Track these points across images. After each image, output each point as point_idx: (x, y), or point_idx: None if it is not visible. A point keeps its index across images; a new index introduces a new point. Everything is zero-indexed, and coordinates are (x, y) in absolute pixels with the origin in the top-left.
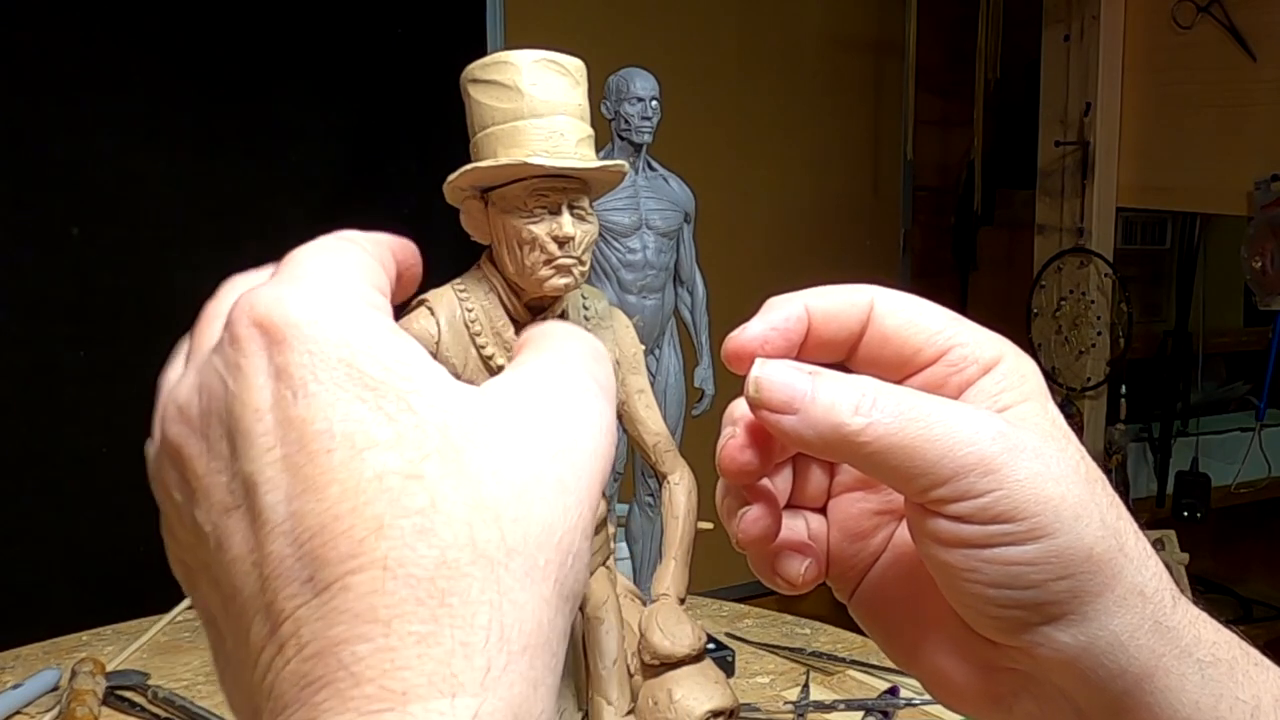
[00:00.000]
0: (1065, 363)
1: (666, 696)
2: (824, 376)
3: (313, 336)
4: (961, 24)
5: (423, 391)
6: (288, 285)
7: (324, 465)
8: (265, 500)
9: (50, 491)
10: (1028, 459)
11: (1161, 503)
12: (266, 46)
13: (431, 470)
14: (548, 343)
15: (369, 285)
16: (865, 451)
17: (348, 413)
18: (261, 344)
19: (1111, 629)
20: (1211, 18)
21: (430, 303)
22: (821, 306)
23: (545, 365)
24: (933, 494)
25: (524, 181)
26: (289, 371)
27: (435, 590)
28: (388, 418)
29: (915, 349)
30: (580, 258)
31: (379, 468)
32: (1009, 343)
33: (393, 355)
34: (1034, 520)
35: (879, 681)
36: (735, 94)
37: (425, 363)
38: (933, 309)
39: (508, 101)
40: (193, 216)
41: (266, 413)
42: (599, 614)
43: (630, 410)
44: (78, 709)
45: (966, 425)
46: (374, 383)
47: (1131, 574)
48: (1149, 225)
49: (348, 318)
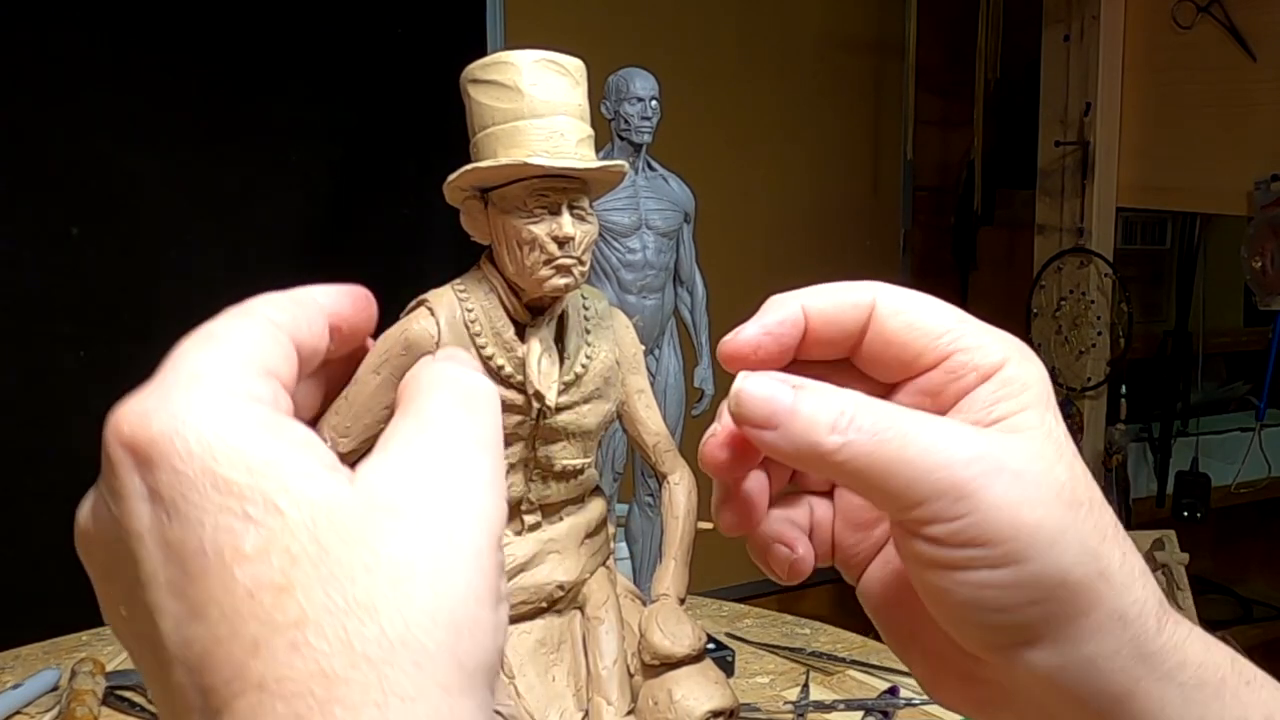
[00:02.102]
0: (1065, 363)
1: (667, 696)
2: (806, 391)
3: (176, 451)
4: (961, 24)
5: (290, 489)
6: (155, 396)
7: (202, 587)
8: (163, 628)
9: (50, 491)
10: (1005, 482)
11: (1161, 503)
12: (266, 46)
13: (301, 577)
14: (412, 403)
15: (253, 371)
16: (841, 471)
17: (217, 525)
18: (131, 465)
19: (1087, 653)
20: (1211, 18)
21: (430, 303)
22: (820, 308)
23: (410, 434)
24: (908, 515)
25: (524, 181)
26: (159, 492)
27: (315, 703)
28: (255, 525)
29: (916, 353)
30: (580, 258)
31: (250, 583)
32: (1017, 345)
33: (259, 455)
34: (1007, 546)
35: (879, 681)
36: (735, 94)
37: (295, 455)
38: (938, 309)
39: (508, 101)
40: (193, 216)
41: (147, 537)
42: (599, 614)
43: (630, 410)
44: (77, 709)
45: (943, 446)
46: (239, 489)
47: (1112, 599)
48: (1149, 225)
49: (212, 423)
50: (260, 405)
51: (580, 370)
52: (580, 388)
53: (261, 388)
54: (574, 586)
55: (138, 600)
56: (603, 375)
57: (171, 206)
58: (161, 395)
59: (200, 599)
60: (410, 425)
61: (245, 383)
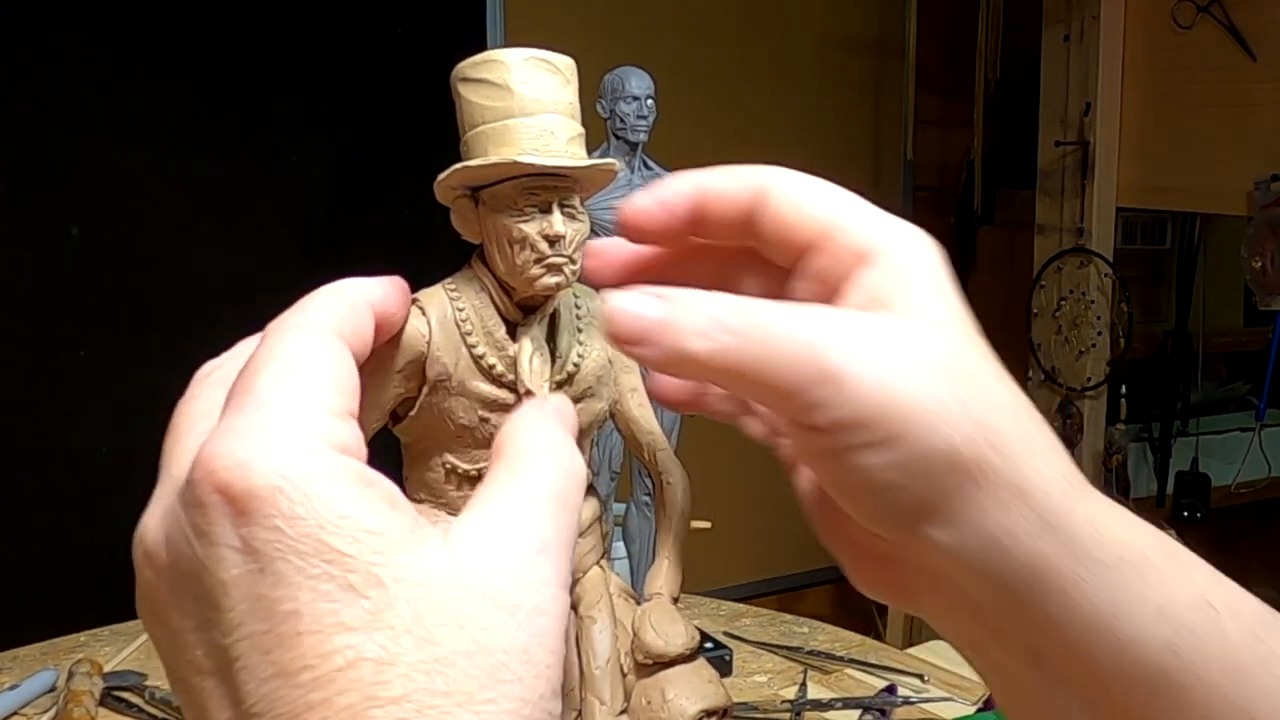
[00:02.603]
0: (1065, 363)
1: (659, 696)
2: (673, 301)
3: (280, 511)
4: (961, 24)
5: (391, 563)
6: (247, 438)
7: (294, 648)
8: (239, 678)
9: (49, 491)
10: (876, 361)
11: (1161, 503)
12: (266, 46)
13: (403, 655)
14: (517, 470)
15: (338, 410)
16: (717, 375)
17: (315, 591)
18: (225, 512)
19: (987, 527)
20: (1211, 18)
21: (421, 302)
22: (713, 184)
23: (509, 509)
24: (787, 408)
25: (514, 180)
26: (254, 546)
27: None
28: (357, 595)
29: (805, 237)
30: (571, 256)
31: (350, 654)
32: (902, 228)
33: (360, 523)
34: (883, 425)
35: (877, 680)
36: (734, 94)
37: (393, 524)
38: (827, 192)
39: (498, 100)
40: (193, 216)
41: (233, 586)
42: (591, 614)
43: (623, 409)
44: (75, 710)
45: (805, 333)
46: (341, 557)
47: (1009, 474)
48: (1149, 225)
49: (313, 484)
50: (352, 460)
51: (572, 369)
52: (572, 387)
53: (347, 433)
54: None
55: (211, 642)
56: (595, 374)
57: (171, 206)
58: (255, 439)
59: (290, 662)
60: (507, 499)
61: (334, 429)
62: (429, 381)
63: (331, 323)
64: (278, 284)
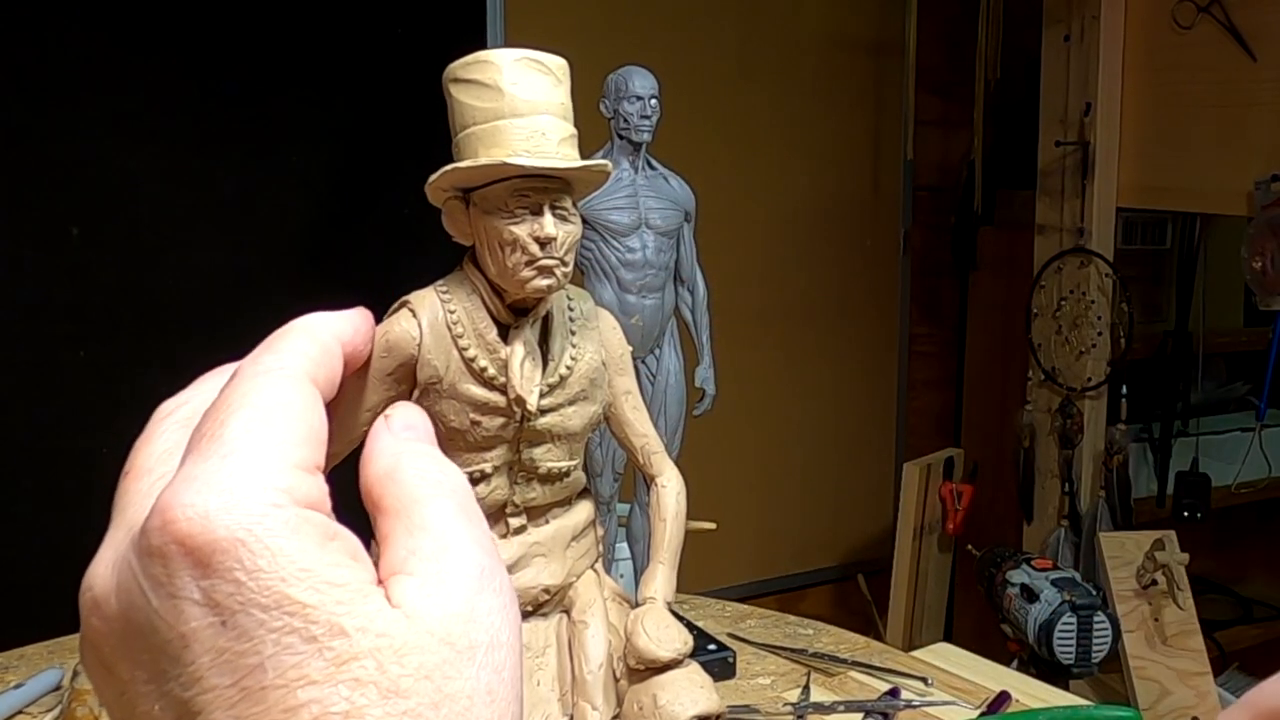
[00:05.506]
0: (1065, 363)
1: (651, 701)
2: None
3: (240, 562)
4: (961, 24)
5: (354, 613)
6: (210, 489)
7: (259, 702)
8: None
9: (50, 491)
10: None
11: (1161, 503)
12: (266, 46)
13: (370, 709)
14: (415, 516)
15: (305, 461)
16: None
17: (279, 644)
18: (185, 564)
19: None
20: (1211, 18)
21: (412, 304)
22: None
23: (432, 556)
24: None
25: (505, 182)
26: (216, 600)
27: None
28: (320, 645)
29: None
30: (563, 258)
31: (316, 709)
32: None
33: (322, 575)
34: None
35: (880, 683)
36: (735, 94)
37: (355, 576)
38: None
39: (489, 101)
40: (193, 216)
41: (194, 640)
42: (584, 618)
43: (617, 412)
44: (79, 709)
45: None
46: (304, 608)
47: None
48: (1149, 225)
49: (276, 536)
50: (317, 514)
51: (565, 372)
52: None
53: (314, 488)
54: (559, 590)
55: (169, 695)
56: (588, 377)
57: (171, 206)
58: (217, 490)
59: (257, 716)
60: (428, 546)
61: (300, 483)
62: (419, 384)
63: (305, 366)
64: (277, 284)
